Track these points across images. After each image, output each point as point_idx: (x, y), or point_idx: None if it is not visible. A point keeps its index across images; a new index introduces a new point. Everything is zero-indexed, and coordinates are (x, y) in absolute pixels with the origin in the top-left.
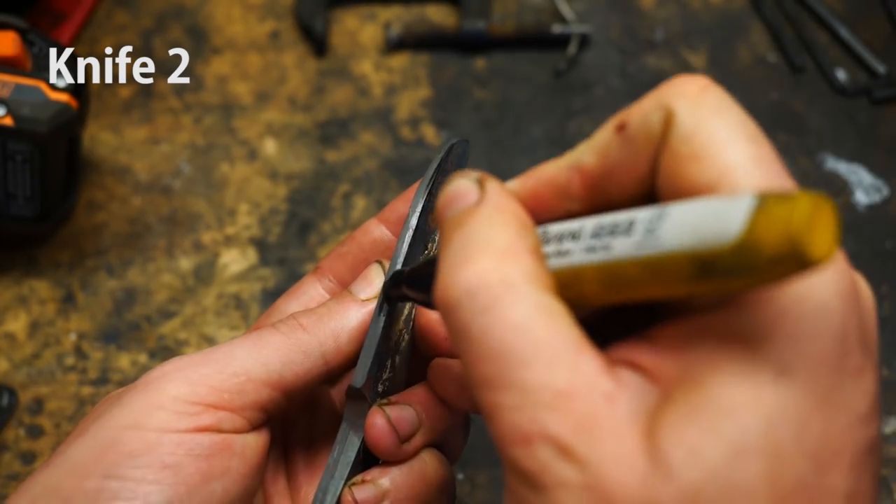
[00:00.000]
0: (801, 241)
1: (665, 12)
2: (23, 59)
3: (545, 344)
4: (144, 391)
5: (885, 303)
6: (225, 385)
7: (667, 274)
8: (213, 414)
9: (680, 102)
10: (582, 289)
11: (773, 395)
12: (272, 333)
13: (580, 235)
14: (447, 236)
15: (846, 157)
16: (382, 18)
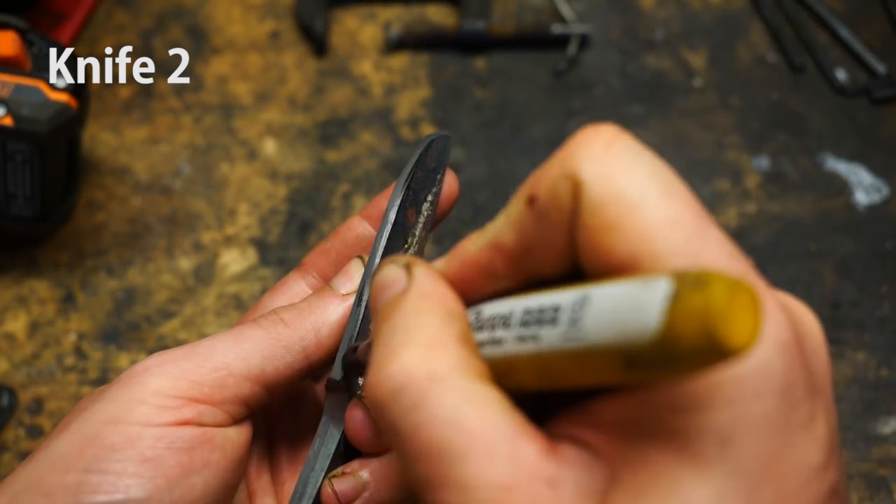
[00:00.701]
0: (719, 333)
1: (665, 12)
2: (23, 59)
3: (480, 436)
4: (126, 385)
5: (885, 303)
6: (206, 379)
7: (594, 366)
8: (194, 407)
9: (586, 167)
10: (519, 378)
11: (719, 467)
12: (253, 328)
13: (510, 322)
14: (377, 329)
15: (846, 157)
16: (382, 18)
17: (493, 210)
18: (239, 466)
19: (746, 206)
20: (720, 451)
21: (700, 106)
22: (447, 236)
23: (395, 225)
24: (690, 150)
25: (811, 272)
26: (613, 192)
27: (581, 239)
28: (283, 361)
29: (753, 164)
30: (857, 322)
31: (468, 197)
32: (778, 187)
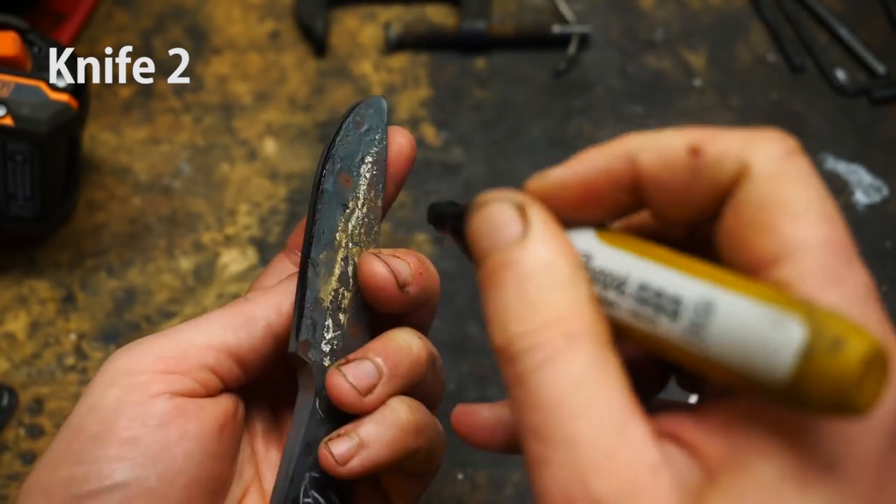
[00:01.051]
0: (848, 399)
1: (665, 12)
2: (23, 59)
3: (598, 403)
4: (100, 374)
5: (886, 303)
6: (168, 352)
7: (711, 372)
8: (162, 378)
9: (762, 159)
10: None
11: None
12: (218, 309)
13: (624, 290)
14: (496, 278)
15: (846, 157)
16: (382, 18)
17: None
18: (223, 435)
19: None
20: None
21: (700, 106)
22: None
23: (325, 193)
24: None
25: None
26: (779, 195)
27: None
28: (245, 331)
29: None
30: None
31: (468, 197)
32: None
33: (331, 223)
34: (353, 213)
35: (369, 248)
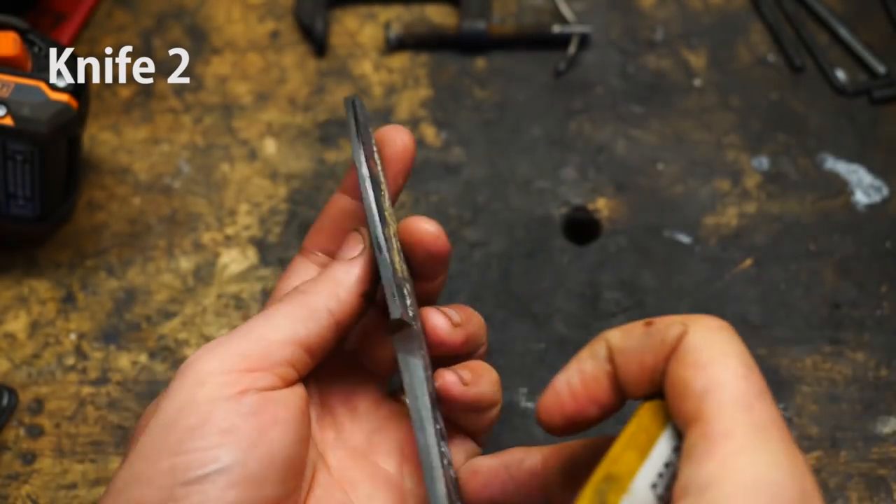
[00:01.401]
0: None
1: (665, 12)
2: (23, 59)
3: None
4: (184, 376)
5: (885, 303)
6: (251, 352)
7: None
8: (248, 377)
9: (697, 326)
10: None
11: None
12: (279, 304)
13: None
14: None
15: (846, 157)
16: (382, 18)
17: (493, 210)
18: (304, 420)
19: (746, 206)
20: None
21: (700, 106)
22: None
23: (366, 178)
24: (690, 150)
25: (811, 272)
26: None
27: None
28: (313, 321)
29: (753, 164)
30: (856, 322)
31: (468, 197)
32: (778, 187)
33: (379, 202)
34: (385, 194)
35: (398, 225)
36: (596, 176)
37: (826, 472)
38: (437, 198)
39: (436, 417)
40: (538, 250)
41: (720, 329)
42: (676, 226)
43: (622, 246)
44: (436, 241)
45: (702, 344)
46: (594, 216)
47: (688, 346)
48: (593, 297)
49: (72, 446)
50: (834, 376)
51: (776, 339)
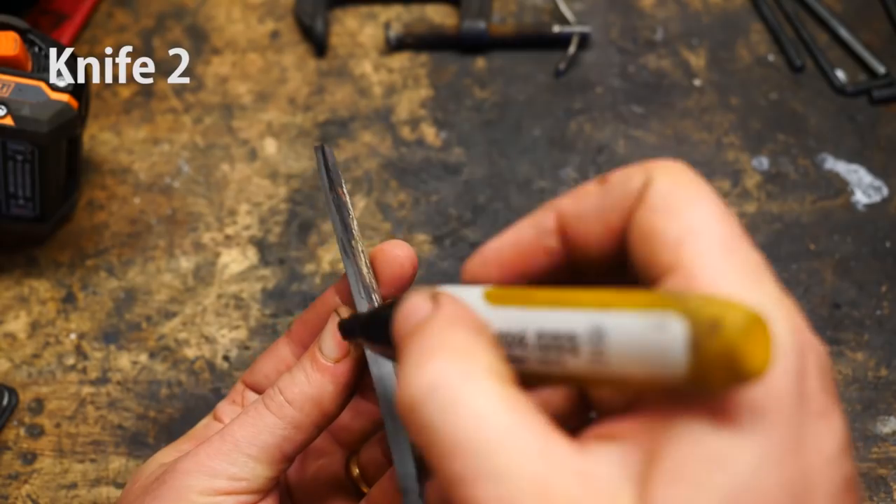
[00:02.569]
0: (739, 370)
1: (665, 12)
2: (23, 59)
3: (512, 432)
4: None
5: (885, 302)
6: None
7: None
8: (235, 498)
9: (660, 171)
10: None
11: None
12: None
13: (526, 343)
14: (404, 346)
15: (846, 157)
16: (382, 18)
17: (493, 210)
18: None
19: (746, 205)
20: (755, 422)
21: (700, 106)
22: (447, 237)
23: (336, 201)
24: (690, 150)
25: (811, 272)
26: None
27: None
28: (298, 437)
29: (753, 164)
30: (856, 322)
31: (468, 197)
32: (777, 187)
33: (348, 223)
34: (353, 219)
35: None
36: (596, 176)
37: None
38: (437, 198)
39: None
40: None
41: (685, 171)
42: None
43: None
44: (403, 265)
45: (670, 189)
46: None
47: (655, 194)
48: None
49: (72, 446)
50: (834, 376)
51: None
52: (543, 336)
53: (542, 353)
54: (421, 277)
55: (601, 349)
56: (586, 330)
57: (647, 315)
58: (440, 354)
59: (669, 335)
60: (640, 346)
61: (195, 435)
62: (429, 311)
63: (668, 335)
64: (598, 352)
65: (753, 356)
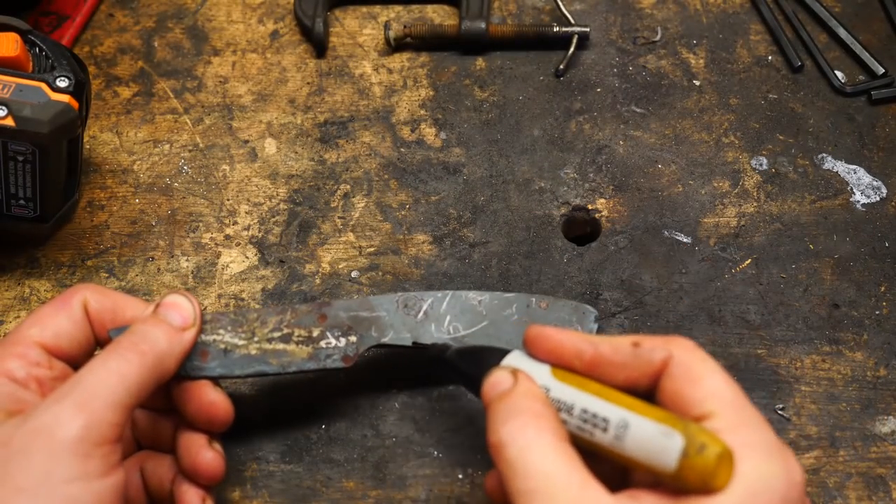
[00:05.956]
0: (709, 482)
1: (665, 12)
2: (24, 59)
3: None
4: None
5: (884, 302)
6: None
7: (630, 464)
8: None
9: (678, 349)
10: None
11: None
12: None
13: (572, 412)
14: (493, 406)
15: (845, 157)
16: (382, 19)
17: (493, 210)
18: None
19: (745, 206)
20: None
21: (699, 106)
22: (447, 237)
23: None
24: (690, 150)
25: (810, 272)
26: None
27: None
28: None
29: (752, 164)
30: (855, 322)
31: (468, 197)
32: (777, 187)
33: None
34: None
35: None
36: (596, 176)
37: (825, 472)
38: (437, 198)
39: None
40: (538, 250)
41: (696, 348)
42: (676, 226)
43: (622, 246)
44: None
45: (689, 363)
46: (594, 216)
47: (679, 366)
48: (593, 297)
49: None
50: (833, 376)
51: (775, 339)
52: (586, 412)
53: (581, 423)
54: (421, 277)
55: (622, 434)
56: (617, 419)
57: (661, 425)
58: (519, 416)
59: (671, 442)
60: (648, 441)
61: None
62: (510, 384)
63: (670, 442)
64: (620, 436)
65: (720, 476)
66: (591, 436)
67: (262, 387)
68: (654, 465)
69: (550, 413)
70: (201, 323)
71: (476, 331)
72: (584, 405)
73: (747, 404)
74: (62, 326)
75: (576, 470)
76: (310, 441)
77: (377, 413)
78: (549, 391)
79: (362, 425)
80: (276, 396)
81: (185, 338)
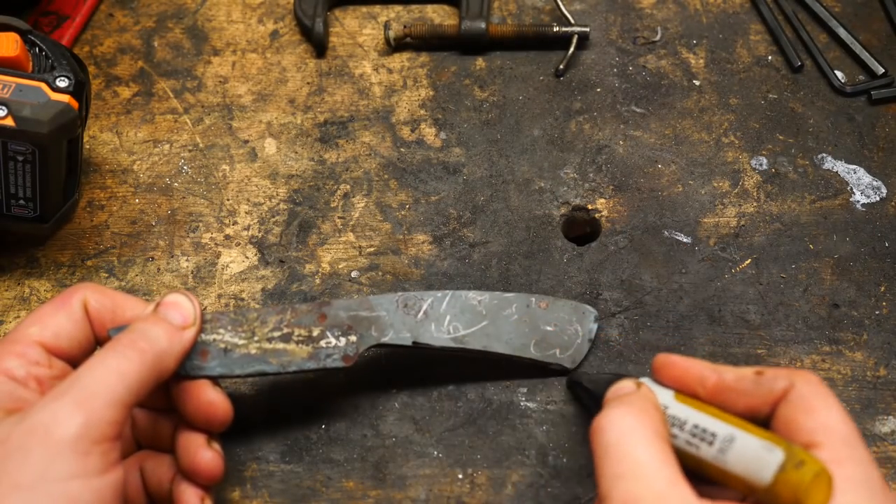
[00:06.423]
0: (803, 498)
1: (665, 12)
2: (24, 59)
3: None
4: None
5: (884, 302)
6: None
7: (727, 481)
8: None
9: (801, 380)
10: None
11: None
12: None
13: (684, 427)
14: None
15: (845, 157)
16: (382, 19)
17: (493, 210)
18: None
19: (745, 205)
20: None
21: (699, 106)
22: (447, 237)
23: None
24: (690, 150)
25: (810, 272)
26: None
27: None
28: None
29: (752, 164)
30: (855, 322)
31: (468, 197)
32: (777, 187)
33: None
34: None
35: None
36: (596, 176)
37: None
38: (436, 198)
39: None
40: (538, 250)
41: (819, 383)
42: (676, 226)
43: (622, 246)
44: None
45: (809, 394)
46: (594, 216)
47: (798, 395)
48: (593, 297)
49: None
50: (833, 376)
51: (775, 339)
52: (697, 427)
53: (689, 437)
54: (421, 277)
55: (727, 448)
56: (725, 433)
57: (765, 441)
58: (630, 409)
59: (771, 456)
60: (750, 454)
61: None
62: (633, 390)
63: (770, 455)
64: (724, 449)
65: (812, 496)
66: (697, 450)
67: (262, 387)
68: (750, 478)
69: (658, 416)
70: (201, 322)
71: (476, 330)
72: (696, 421)
73: (860, 443)
74: (62, 325)
75: (668, 466)
76: (310, 441)
77: (377, 413)
78: (668, 408)
79: (362, 425)
80: (276, 396)
81: (185, 337)
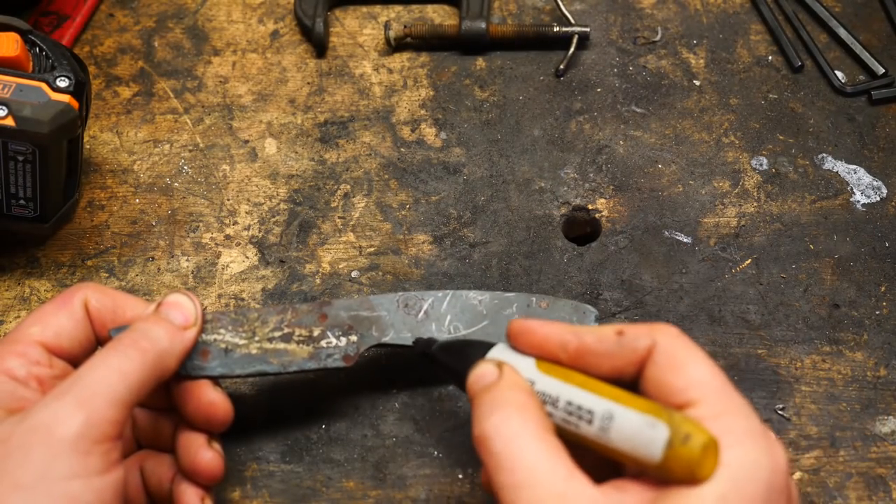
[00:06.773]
0: (694, 472)
1: (665, 12)
2: (24, 59)
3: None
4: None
5: (884, 302)
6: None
7: (615, 456)
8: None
9: (662, 336)
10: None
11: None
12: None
13: (557, 405)
14: (477, 399)
15: (845, 157)
16: (382, 19)
17: (493, 210)
18: None
19: (745, 206)
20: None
21: (699, 106)
22: (447, 237)
23: None
24: (690, 150)
25: (810, 272)
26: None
27: (649, 371)
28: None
29: (753, 164)
30: (855, 322)
31: (468, 197)
32: (777, 187)
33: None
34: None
35: None
36: (596, 176)
37: (825, 472)
38: (437, 198)
39: None
40: (538, 250)
41: (679, 335)
42: (676, 226)
43: (622, 246)
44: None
45: (673, 350)
46: (594, 216)
47: (662, 353)
48: (593, 297)
49: None
50: (833, 376)
51: (775, 339)
52: (571, 404)
53: (566, 416)
54: (421, 277)
55: (608, 426)
56: (602, 410)
57: (645, 416)
58: (504, 408)
59: (656, 433)
60: (633, 433)
61: None
62: (495, 376)
63: (655, 433)
64: (605, 427)
65: (704, 466)
66: (576, 428)
67: (262, 387)
68: (639, 457)
69: (535, 405)
70: (202, 322)
71: (476, 330)
72: (569, 397)
73: (731, 391)
74: (63, 325)
75: (560, 462)
76: (310, 441)
77: (377, 413)
78: (535, 384)
79: (362, 425)
80: (276, 396)
81: (187, 336)
